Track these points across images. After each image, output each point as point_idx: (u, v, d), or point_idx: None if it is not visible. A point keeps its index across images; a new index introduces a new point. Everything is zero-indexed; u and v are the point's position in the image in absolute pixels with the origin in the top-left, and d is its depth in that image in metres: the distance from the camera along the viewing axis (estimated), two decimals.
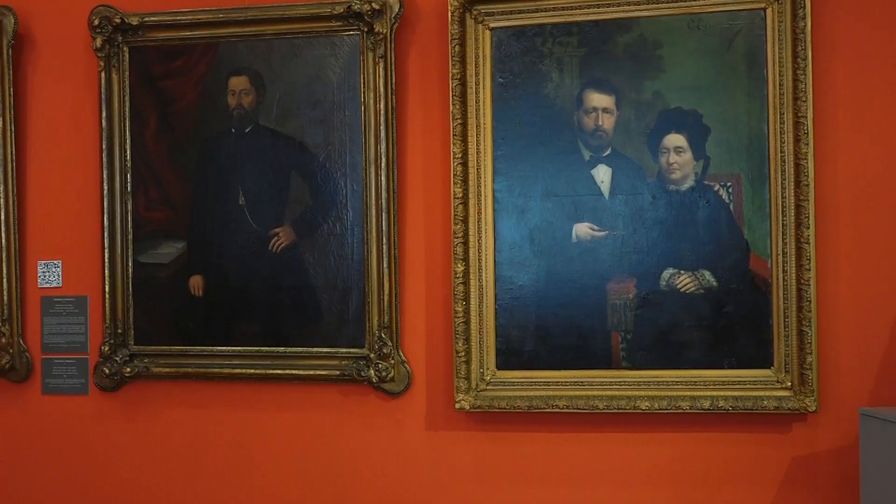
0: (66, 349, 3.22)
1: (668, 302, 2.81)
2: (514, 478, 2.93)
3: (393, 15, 2.94)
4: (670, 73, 2.80)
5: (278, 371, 3.05)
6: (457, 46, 2.89)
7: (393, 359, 2.97)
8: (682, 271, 2.81)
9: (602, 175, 2.84)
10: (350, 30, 2.98)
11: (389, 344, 2.96)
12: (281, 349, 3.05)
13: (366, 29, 2.96)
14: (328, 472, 3.05)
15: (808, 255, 2.71)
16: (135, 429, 3.18)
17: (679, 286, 2.81)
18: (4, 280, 3.20)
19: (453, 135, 2.89)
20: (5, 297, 3.21)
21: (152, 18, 3.10)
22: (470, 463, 2.96)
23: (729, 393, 2.78)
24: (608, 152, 2.84)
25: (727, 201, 2.77)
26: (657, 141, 2.81)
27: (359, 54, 2.97)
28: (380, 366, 2.97)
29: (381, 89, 2.95)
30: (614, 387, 2.84)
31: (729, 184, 2.78)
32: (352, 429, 3.04)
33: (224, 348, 3.09)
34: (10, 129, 3.19)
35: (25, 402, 3.26)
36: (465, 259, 2.90)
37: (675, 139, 2.80)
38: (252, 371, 3.06)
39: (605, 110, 2.84)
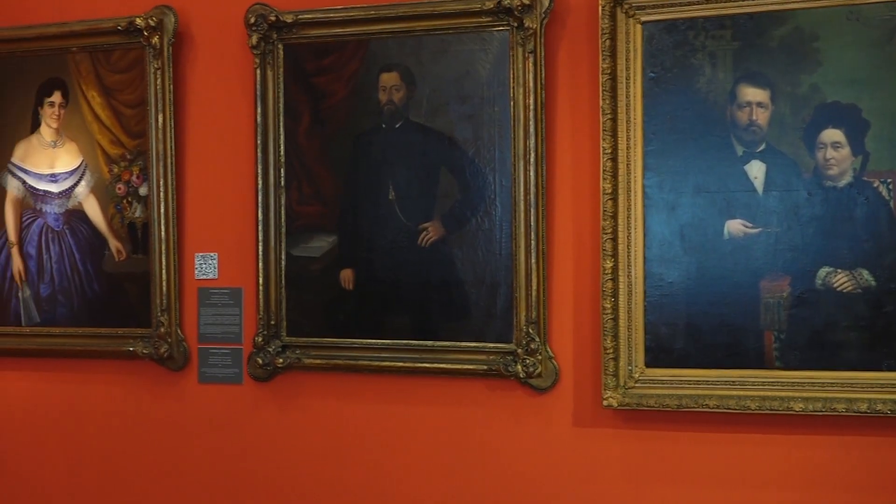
0: (221, 339, 3.87)
1: (823, 301, 3.19)
2: (663, 477, 3.38)
3: (543, 10, 3.42)
4: (827, 67, 3.17)
5: (426, 365, 3.58)
6: (607, 41, 3.35)
7: (540, 354, 3.47)
8: (839, 270, 3.18)
9: (755, 171, 3.25)
10: (500, 25, 3.48)
11: (537, 339, 3.46)
12: (429, 343, 3.58)
13: (515, 24, 3.45)
14: (474, 466, 3.58)
15: None
16: (286, 418, 3.79)
17: (835, 285, 3.19)
18: (163, 272, 3.87)
19: (603, 130, 3.35)
20: (164, 288, 3.87)
21: (306, 16, 3.68)
22: (617, 461, 3.43)
23: (887, 396, 3.14)
24: (762, 148, 3.24)
25: (887, 198, 3.13)
26: (813, 136, 3.19)
27: (508, 49, 3.47)
28: (527, 361, 3.47)
29: (531, 84, 3.43)
30: (767, 387, 3.24)
31: (889, 180, 3.14)
32: (498, 424, 3.55)
33: (373, 341, 3.64)
34: (170, 125, 3.85)
35: (182, 389, 3.92)
36: (614, 255, 3.36)
37: (832, 134, 3.18)
38: (400, 364, 3.61)
39: (759, 105, 3.24)
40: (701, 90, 3.29)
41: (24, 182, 4.07)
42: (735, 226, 3.27)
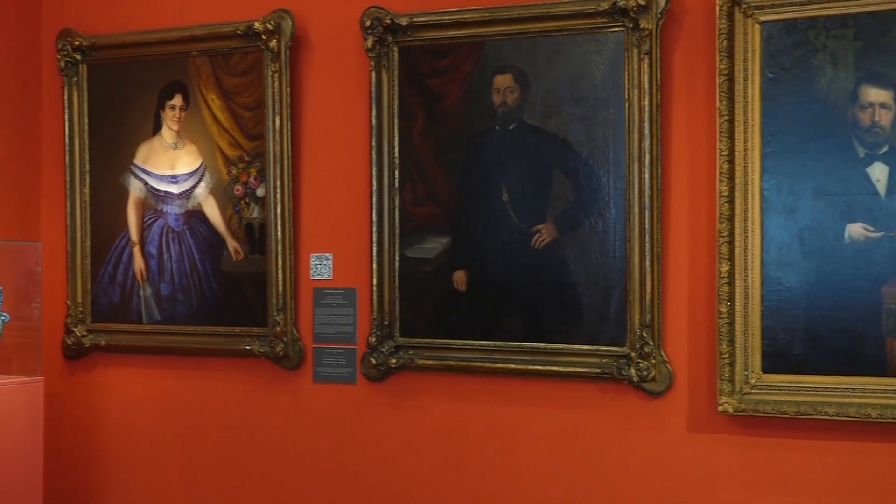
0: (335, 339, 4.10)
1: None
2: (779, 485, 3.47)
3: (659, 10, 3.54)
4: None
5: (538, 367, 3.75)
6: (724, 41, 3.46)
7: (654, 358, 3.60)
8: None
9: (878, 173, 3.32)
10: (615, 26, 3.62)
11: (651, 343, 3.59)
12: (541, 345, 3.74)
13: (631, 25, 3.58)
14: (586, 470, 3.72)
15: None
16: (399, 418, 4.00)
17: None
18: (280, 272, 4.12)
19: (719, 131, 3.46)
20: (280, 288, 4.12)
21: (421, 19, 3.88)
22: (732, 467, 3.53)
23: None
24: (885, 149, 3.31)
25: None
26: None
27: (623, 51, 3.60)
28: (640, 365, 3.60)
29: (646, 86, 3.56)
30: (889, 395, 3.29)
31: None
32: (611, 427, 3.69)
33: (485, 343, 3.82)
34: (287, 127, 4.10)
35: (297, 388, 4.17)
36: (731, 259, 3.46)
37: None
38: (512, 366, 3.78)
39: (882, 105, 3.31)
40: (821, 91, 3.37)
41: (145, 183, 4.38)
42: (856, 229, 3.35)
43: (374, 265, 3.97)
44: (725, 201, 3.46)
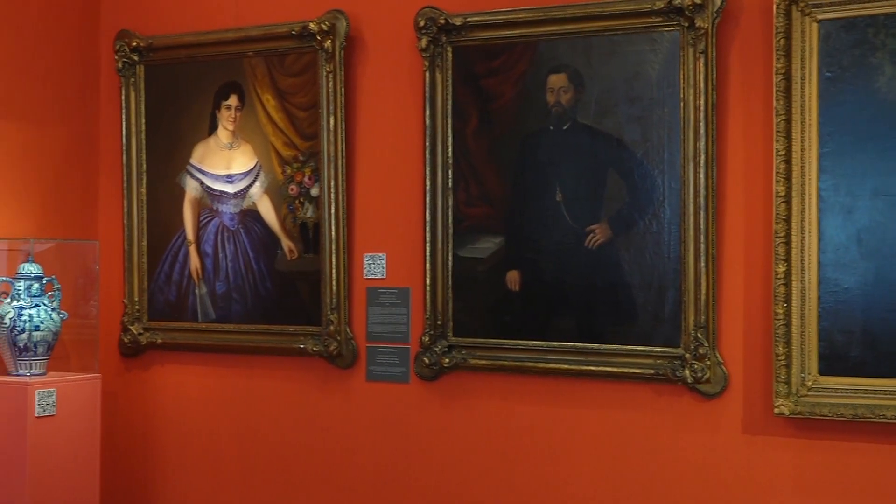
0: (388, 338, 4.15)
1: None
2: (835, 488, 3.46)
3: (715, 9, 3.55)
4: None
5: (592, 368, 3.77)
6: (782, 40, 3.46)
7: (709, 360, 3.61)
8: None
9: None
10: (670, 25, 3.63)
11: (706, 344, 3.60)
12: (595, 346, 3.77)
13: (686, 24, 3.59)
14: (640, 472, 3.74)
15: None
16: (451, 418, 4.05)
17: None
18: (333, 271, 4.18)
19: (776, 131, 3.46)
20: (334, 287, 4.18)
21: (475, 18, 3.92)
22: (788, 470, 3.53)
23: None
24: None
25: None
26: None
27: (679, 50, 3.61)
28: (695, 366, 3.62)
29: (701, 85, 3.57)
30: None
31: None
32: (665, 429, 3.70)
33: (539, 343, 3.85)
34: (341, 127, 4.16)
35: (350, 387, 4.23)
36: (787, 259, 3.46)
37: None
38: (566, 367, 3.81)
39: None
40: (880, 90, 3.36)
41: (201, 183, 4.47)
42: None
43: (428, 265, 4.02)
44: (782, 202, 3.46)
